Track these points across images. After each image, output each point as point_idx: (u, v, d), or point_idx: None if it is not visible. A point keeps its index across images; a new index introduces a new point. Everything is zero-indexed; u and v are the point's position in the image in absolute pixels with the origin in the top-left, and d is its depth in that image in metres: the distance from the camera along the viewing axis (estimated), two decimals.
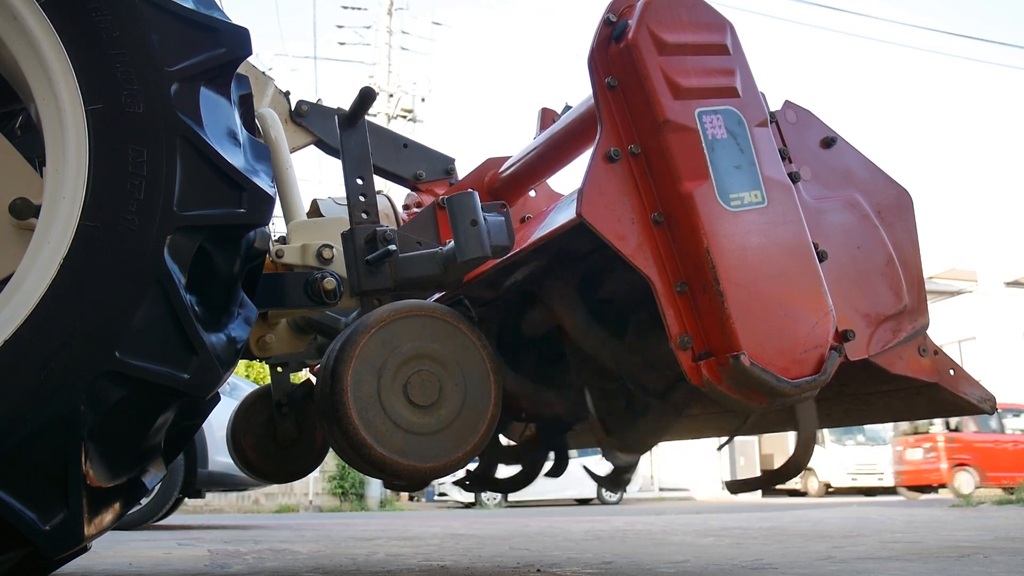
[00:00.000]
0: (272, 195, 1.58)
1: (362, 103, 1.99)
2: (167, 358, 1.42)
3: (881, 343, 1.88)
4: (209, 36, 1.54)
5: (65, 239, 1.38)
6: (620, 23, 1.75)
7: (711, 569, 2.63)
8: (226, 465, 5.77)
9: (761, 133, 1.76)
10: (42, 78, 1.44)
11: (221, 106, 1.58)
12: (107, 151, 1.42)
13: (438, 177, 2.85)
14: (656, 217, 1.68)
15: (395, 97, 21.50)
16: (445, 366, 1.72)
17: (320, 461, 3.01)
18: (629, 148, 1.71)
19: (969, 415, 2.19)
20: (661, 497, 21.30)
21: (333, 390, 1.64)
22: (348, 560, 3.20)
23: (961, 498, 9.58)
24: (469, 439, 1.72)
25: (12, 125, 2.33)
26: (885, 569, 2.54)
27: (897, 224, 1.99)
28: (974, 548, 3.28)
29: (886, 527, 5.09)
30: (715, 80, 1.75)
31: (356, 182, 1.98)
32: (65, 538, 1.36)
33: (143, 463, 1.58)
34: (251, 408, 2.94)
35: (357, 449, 1.64)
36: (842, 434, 22.74)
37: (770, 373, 1.58)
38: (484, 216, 1.71)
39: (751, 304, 1.62)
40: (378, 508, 16.52)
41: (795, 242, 1.71)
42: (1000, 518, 6.00)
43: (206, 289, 1.51)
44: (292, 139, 2.62)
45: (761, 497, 21.87)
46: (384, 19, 22.19)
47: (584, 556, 3.23)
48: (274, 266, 2.16)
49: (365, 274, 1.87)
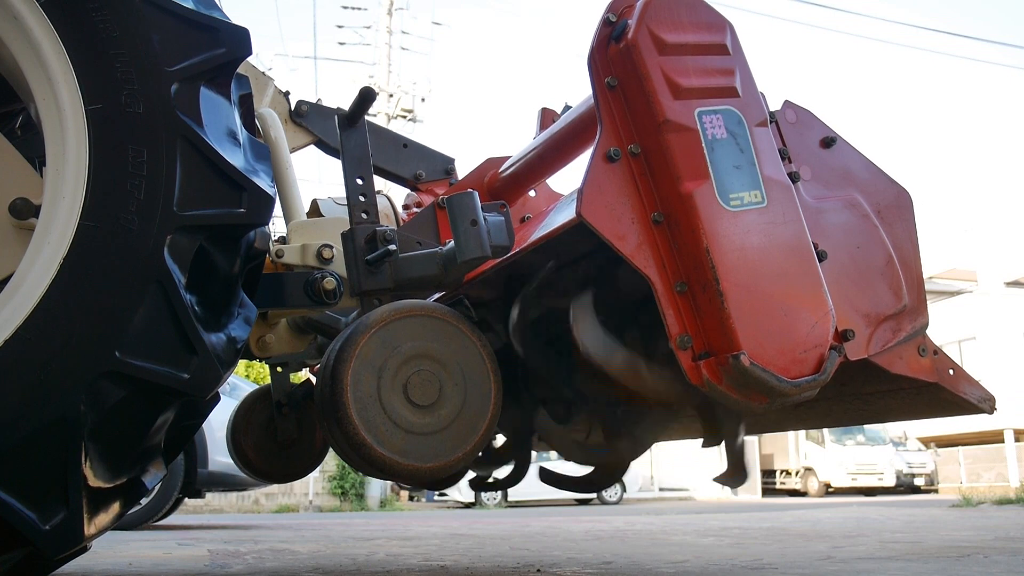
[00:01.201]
0: (272, 195, 1.58)
1: (362, 103, 1.99)
2: (167, 358, 1.42)
3: (881, 343, 1.88)
4: (209, 36, 1.54)
5: (65, 239, 1.38)
6: (620, 23, 1.75)
7: (711, 569, 2.63)
8: (226, 465, 5.77)
9: (761, 133, 1.76)
10: (42, 78, 1.44)
11: (221, 106, 1.58)
12: (107, 151, 1.42)
13: (438, 177, 2.85)
14: (656, 217, 1.68)
15: (395, 97, 21.49)
16: (445, 366, 1.72)
17: (320, 461, 3.01)
18: (629, 148, 1.71)
19: (969, 415, 2.18)
20: (661, 497, 21.28)
21: (333, 390, 1.64)
22: (348, 560, 3.20)
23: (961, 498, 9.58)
24: (469, 439, 1.71)
25: (12, 125, 2.33)
26: (885, 569, 2.54)
27: (897, 224, 1.99)
28: (974, 548, 3.28)
29: (886, 527, 5.09)
30: (715, 80, 1.75)
31: (356, 182, 1.98)
32: (65, 538, 1.36)
33: (143, 463, 1.58)
34: (251, 408, 2.94)
35: (357, 449, 1.64)
36: (842, 434, 22.74)
37: (770, 373, 1.58)
38: (484, 216, 1.71)
39: (751, 304, 1.62)
40: (378, 508, 16.52)
41: (795, 242, 1.71)
42: (1000, 518, 6.00)
43: (206, 289, 1.51)
44: (292, 139, 2.62)
45: (761, 497, 21.87)
46: (384, 19, 22.17)
47: (584, 556, 3.23)
48: (274, 266, 2.16)
49: (365, 274, 1.87)
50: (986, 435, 20.49)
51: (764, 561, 2.87)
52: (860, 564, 2.72)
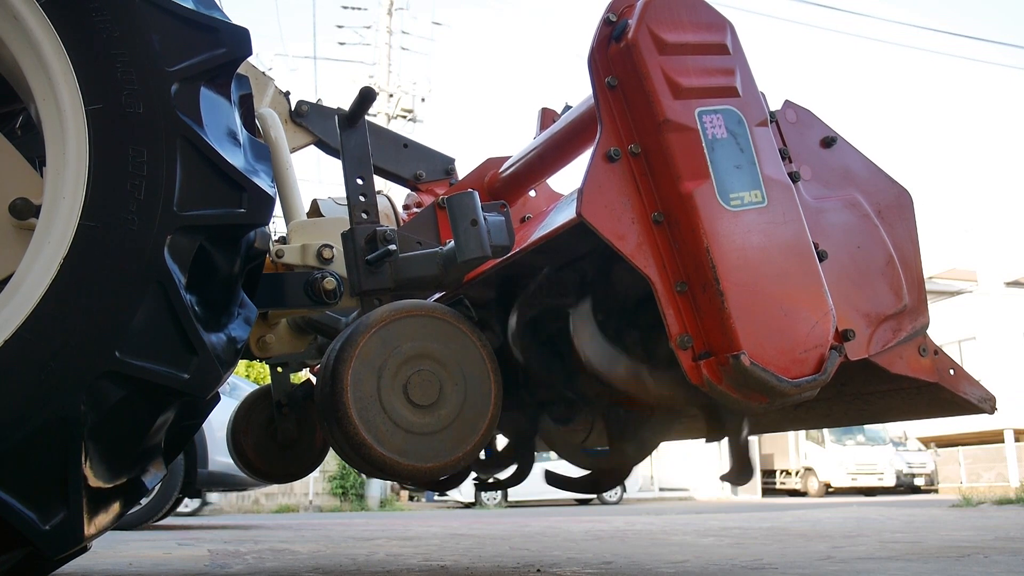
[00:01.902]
0: (272, 195, 1.58)
1: (362, 103, 1.99)
2: (167, 358, 1.42)
3: (881, 343, 1.88)
4: (209, 36, 1.54)
5: (65, 239, 1.38)
6: (620, 23, 1.75)
7: (711, 569, 2.63)
8: (226, 465, 5.77)
9: (761, 133, 1.76)
10: (42, 78, 1.43)
11: (221, 106, 1.58)
12: (107, 151, 1.42)
13: (438, 177, 2.85)
14: (656, 217, 1.67)
15: (395, 97, 21.49)
16: (445, 366, 1.72)
17: (320, 461, 3.01)
18: (629, 148, 1.71)
19: (969, 415, 2.18)
20: (661, 497, 21.29)
21: (333, 390, 1.64)
22: (348, 560, 3.20)
23: (961, 498, 9.58)
24: (469, 439, 1.71)
25: (12, 125, 2.33)
26: (885, 569, 2.54)
27: (897, 224, 1.99)
28: (974, 548, 3.28)
29: (886, 527, 5.09)
30: (715, 80, 1.74)
31: (356, 182, 1.97)
32: (65, 538, 1.36)
33: (143, 463, 1.58)
34: (251, 408, 2.94)
35: (357, 449, 1.64)
36: (842, 434, 22.74)
37: (770, 373, 1.58)
38: (484, 216, 1.71)
39: (751, 304, 1.61)
40: (378, 508, 16.52)
41: (795, 242, 1.71)
42: (1000, 518, 6.00)
43: (206, 289, 1.51)
44: (292, 139, 2.62)
45: (761, 497, 21.87)
46: (384, 19, 22.18)
47: (584, 556, 3.23)
48: (274, 266, 2.16)
49: (365, 274, 1.87)
50: (986, 435, 20.49)
51: (764, 561, 2.87)
52: (860, 564, 2.72)
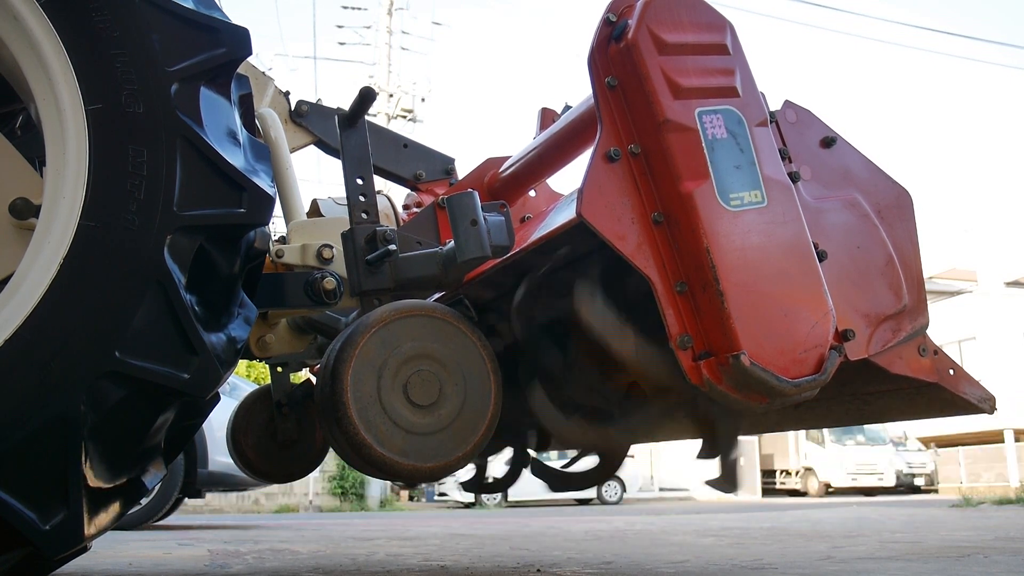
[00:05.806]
0: (272, 195, 1.58)
1: (362, 103, 1.99)
2: (167, 358, 1.42)
3: (881, 343, 1.88)
4: (209, 36, 1.54)
5: (65, 239, 1.38)
6: (620, 23, 1.75)
7: (711, 569, 2.63)
8: (226, 465, 5.77)
9: (761, 133, 1.76)
10: (42, 78, 1.43)
11: (221, 106, 1.58)
12: (107, 151, 1.42)
13: (438, 177, 2.85)
14: (656, 217, 1.68)
15: (395, 97, 21.49)
16: (445, 366, 1.72)
17: (320, 461, 3.01)
18: (629, 148, 1.71)
19: (969, 415, 2.18)
20: (661, 497, 21.28)
21: (333, 390, 1.64)
22: (348, 560, 3.20)
23: (961, 498, 9.58)
24: (469, 439, 1.72)
25: (12, 125, 2.33)
26: (885, 569, 2.54)
27: (897, 224, 1.99)
28: (974, 548, 3.28)
29: (886, 527, 5.09)
30: (715, 80, 1.74)
31: (356, 182, 1.98)
32: (65, 538, 1.36)
33: (143, 463, 1.58)
34: (251, 408, 2.94)
35: (357, 449, 1.64)
36: (842, 434, 22.73)
37: (770, 373, 1.58)
38: (484, 216, 1.71)
39: (751, 304, 1.62)
40: (378, 508, 16.51)
41: (795, 242, 1.71)
42: (1000, 518, 6.00)
43: (206, 289, 1.51)
44: (292, 139, 2.62)
45: (761, 497, 21.86)
46: (384, 19, 22.18)
47: (584, 556, 3.23)
48: (274, 266, 2.16)
49: (365, 274, 1.87)
50: (986, 435, 20.46)
51: (764, 561, 2.87)
52: (860, 564, 2.72)
